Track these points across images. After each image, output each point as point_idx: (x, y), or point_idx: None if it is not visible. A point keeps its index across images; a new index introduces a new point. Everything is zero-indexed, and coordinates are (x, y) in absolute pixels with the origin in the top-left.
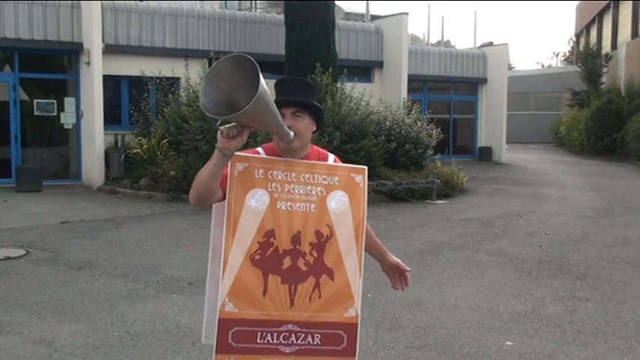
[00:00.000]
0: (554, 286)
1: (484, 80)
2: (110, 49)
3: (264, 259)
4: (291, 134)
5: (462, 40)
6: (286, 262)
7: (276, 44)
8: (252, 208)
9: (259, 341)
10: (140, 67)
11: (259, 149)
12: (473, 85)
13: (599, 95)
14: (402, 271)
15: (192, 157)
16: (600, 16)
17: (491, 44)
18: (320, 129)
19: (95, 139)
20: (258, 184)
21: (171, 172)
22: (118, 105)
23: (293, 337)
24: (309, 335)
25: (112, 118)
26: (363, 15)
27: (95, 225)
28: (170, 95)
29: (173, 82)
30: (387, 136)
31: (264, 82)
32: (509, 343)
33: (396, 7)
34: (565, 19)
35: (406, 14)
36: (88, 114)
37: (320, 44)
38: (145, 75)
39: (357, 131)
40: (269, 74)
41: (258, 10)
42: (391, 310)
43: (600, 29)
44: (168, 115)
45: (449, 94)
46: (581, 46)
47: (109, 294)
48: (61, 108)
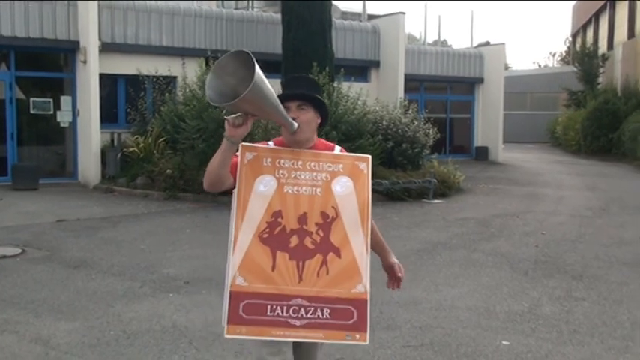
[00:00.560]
0: (550, 286)
1: (481, 80)
2: (107, 47)
3: (272, 237)
4: (295, 124)
5: (459, 40)
6: (293, 240)
7: (273, 43)
8: (261, 192)
9: (269, 314)
10: (137, 65)
11: (269, 142)
12: (469, 85)
13: (595, 95)
14: (394, 274)
15: (189, 155)
16: (597, 17)
17: (488, 44)
18: (325, 123)
19: (91, 137)
20: (266, 171)
21: (168, 170)
22: (114, 103)
23: (302, 311)
24: (318, 309)
25: (108, 116)
26: (360, 14)
27: (91, 224)
28: (167, 94)
29: (170, 80)
30: (384, 136)
31: (259, 71)
32: (505, 342)
33: (393, 7)
34: (561, 19)
35: (403, 14)
36: (84, 112)
37: (317, 43)
38: (142, 73)
39: (354, 131)
40: (266, 73)
41: (255, 9)
42: (388, 310)
43: (597, 29)
44: (164, 114)
45: (446, 93)
46: (578, 47)
47: (105, 292)
48: (58, 106)
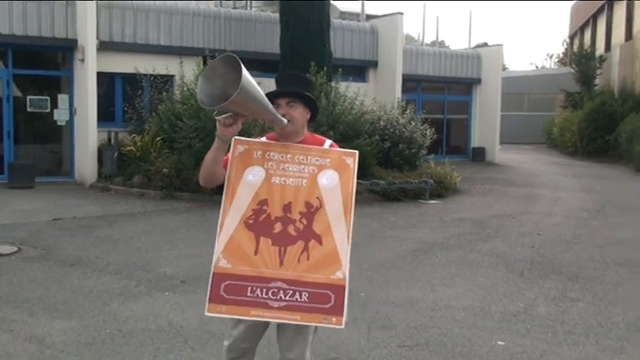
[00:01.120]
0: (545, 287)
1: (478, 81)
2: (104, 46)
3: (257, 223)
4: (284, 121)
5: (457, 41)
6: (277, 227)
7: (271, 43)
8: (249, 181)
9: (249, 295)
10: (134, 64)
11: (262, 137)
12: (467, 86)
13: (592, 97)
14: None
15: (186, 154)
16: (594, 18)
17: (486, 45)
18: (315, 117)
19: (88, 136)
20: (256, 162)
21: (165, 169)
22: (111, 102)
23: (281, 294)
24: (296, 293)
25: (105, 115)
26: (358, 14)
27: (87, 222)
28: (164, 93)
29: (167, 79)
30: (381, 136)
31: (247, 74)
32: (501, 342)
33: (391, 7)
34: (559, 20)
35: (401, 14)
36: (81, 111)
37: (315, 43)
38: (139, 72)
39: (351, 131)
40: (264, 73)
41: (253, 9)
42: (384, 310)
43: (594, 31)
44: (162, 113)
45: (443, 94)
46: (575, 48)
47: (100, 291)
48: (55, 105)
